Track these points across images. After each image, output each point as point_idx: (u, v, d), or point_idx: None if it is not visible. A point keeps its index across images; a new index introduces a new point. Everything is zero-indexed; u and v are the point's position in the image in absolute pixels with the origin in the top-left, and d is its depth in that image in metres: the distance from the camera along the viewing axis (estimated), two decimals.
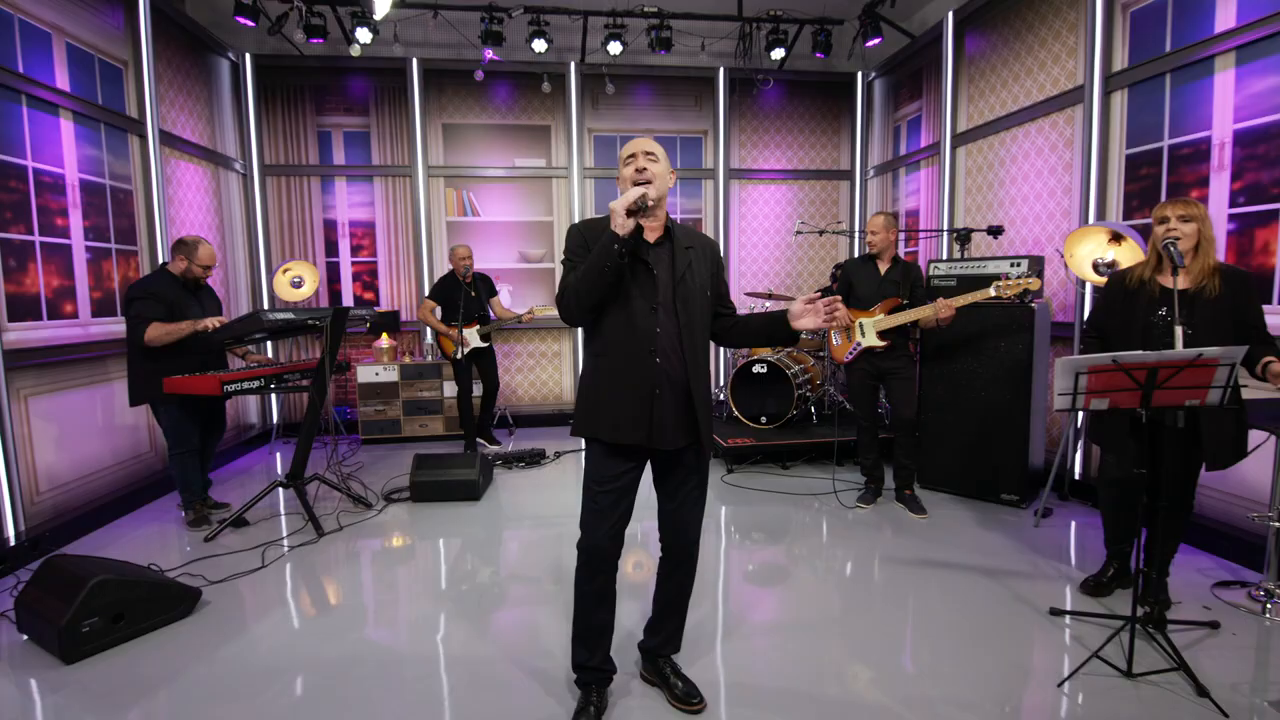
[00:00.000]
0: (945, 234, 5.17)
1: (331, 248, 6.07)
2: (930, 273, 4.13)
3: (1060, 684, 2.20)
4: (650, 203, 1.86)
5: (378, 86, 5.95)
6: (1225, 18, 3.17)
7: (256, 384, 3.52)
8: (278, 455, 5.48)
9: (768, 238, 6.56)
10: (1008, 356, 3.82)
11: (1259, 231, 3.07)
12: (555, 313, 4.83)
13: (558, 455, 5.22)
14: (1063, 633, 2.54)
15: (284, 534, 3.61)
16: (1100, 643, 2.41)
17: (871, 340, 3.69)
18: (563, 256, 2.05)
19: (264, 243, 5.85)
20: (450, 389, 5.74)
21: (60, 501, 3.63)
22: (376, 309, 5.98)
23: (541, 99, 6.14)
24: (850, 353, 3.80)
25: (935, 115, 5.40)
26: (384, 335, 5.80)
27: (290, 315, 3.46)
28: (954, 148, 5.16)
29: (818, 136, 6.56)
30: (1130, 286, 2.56)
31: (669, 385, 1.95)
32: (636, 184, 1.92)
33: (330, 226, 6.05)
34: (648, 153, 1.98)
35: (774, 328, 2.04)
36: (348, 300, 6.14)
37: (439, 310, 5.14)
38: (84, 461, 3.82)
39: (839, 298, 1.97)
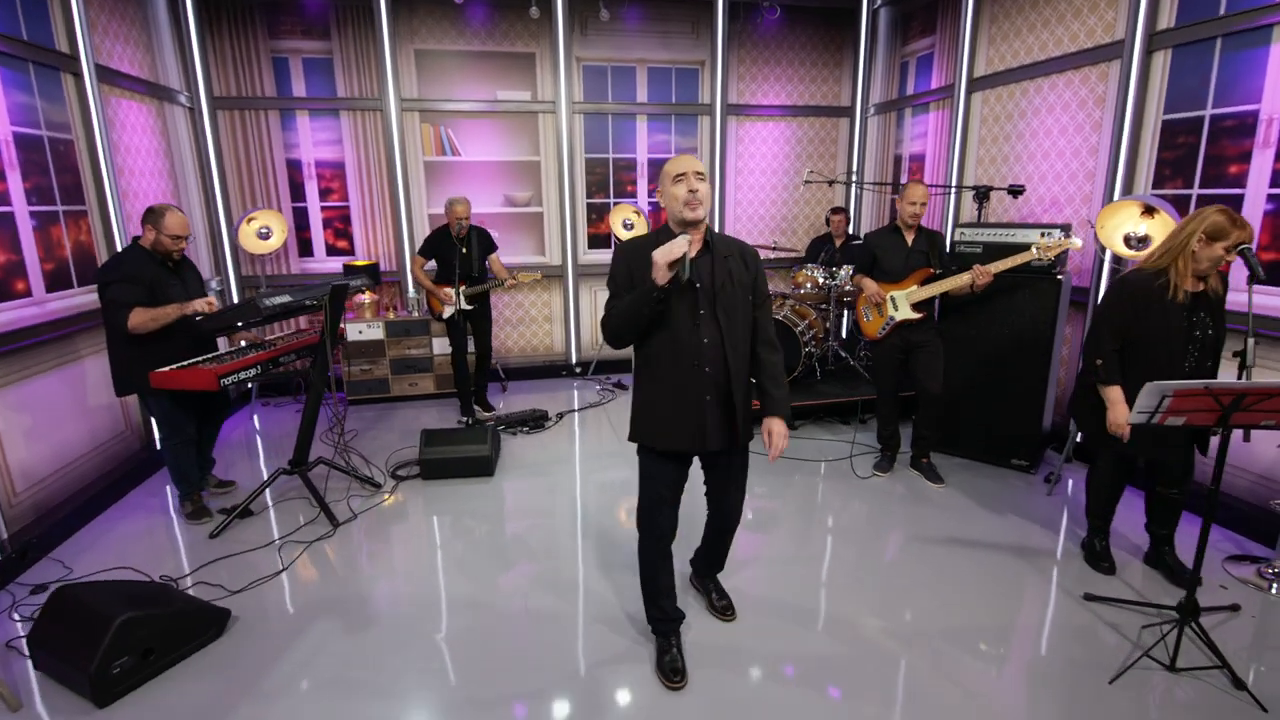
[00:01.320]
0: (955, 190, 5.05)
1: (297, 191, 5.53)
2: (955, 238, 4.03)
3: (1111, 681, 2.31)
4: (690, 258, 1.98)
5: (338, 4, 5.25)
6: None
7: (254, 371, 3.23)
8: (255, 418, 5.19)
9: (765, 179, 6.30)
10: (1030, 325, 3.81)
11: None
12: (538, 276, 4.65)
13: (560, 417, 5.09)
14: (1098, 620, 2.66)
15: (295, 526, 3.43)
16: (1135, 629, 2.55)
17: (906, 314, 3.61)
18: (609, 280, 2.18)
19: (220, 188, 5.27)
20: (440, 346, 5.47)
21: (41, 499, 3.33)
22: (352, 260, 5.59)
23: (525, 24, 5.55)
24: (883, 328, 3.71)
25: (950, 55, 5.13)
26: (366, 290, 5.42)
27: (288, 298, 3.13)
28: (969, 93, 4.94)
29: (818, 70, 6.19)
30: (1167, 293, 2.52)
31: (715, 392, 2.12)
32: (689, 205, 2.02)
33: (294, 167, 5.48)
34: (698, 173, 2.05)
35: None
36: (319, 251, 5.68)
37: (433, 269, 4.81)
38: (61, 451, 3.49)
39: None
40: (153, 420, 3.91)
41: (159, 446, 3.43)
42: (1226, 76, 3.31)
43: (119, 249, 3.92)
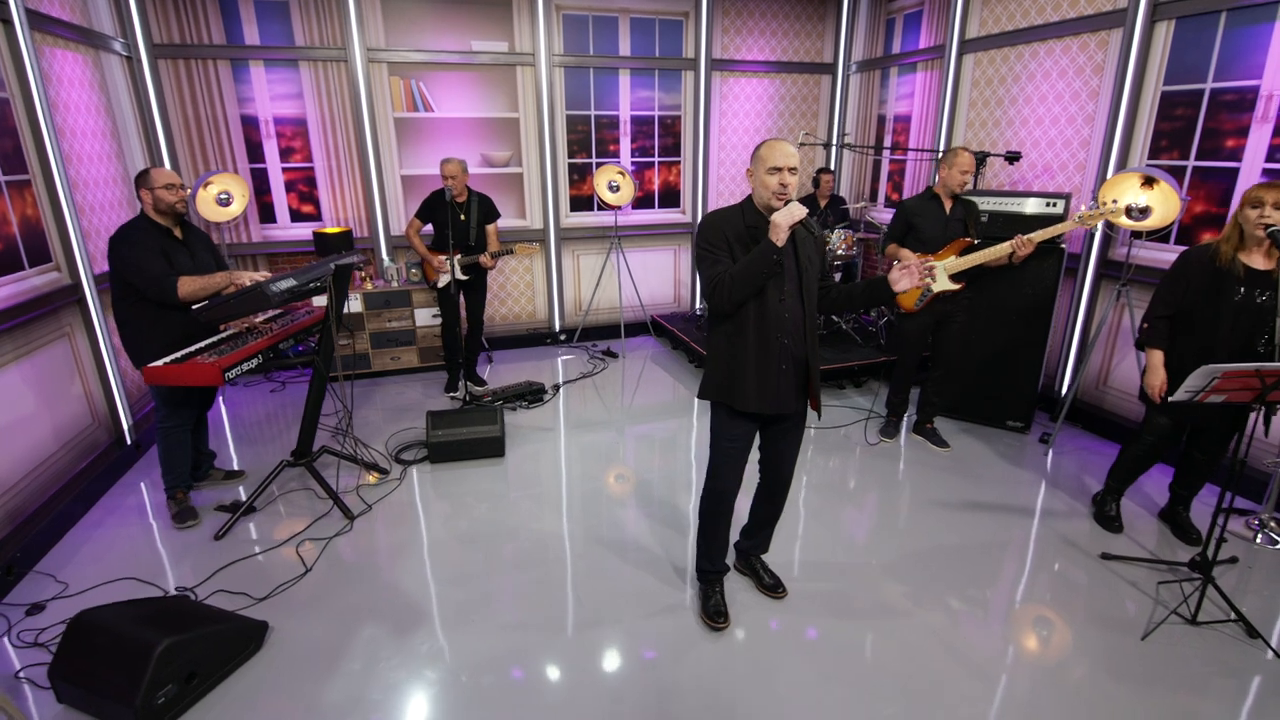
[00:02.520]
0: (931, 156, 5.08)
1: (255, 151, 5.05)
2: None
3: (1144, 637, 2.48)
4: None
5: None
6: None
7: (256, 361, 2.98)
8: (220, 400, 4.84)
9: (748, 137, 6.18)
10: (1033, 292, 3.93)
11: None
12: (534, 251, 4.48)
13: (557, 389, 4.98)
14: (1117, 578, 2.85)
15: (306, 522, 3.25)
16: (1152, 586, 2.75)
17: (944, 284, 3.56)
18: (703, 247, 2.25)
19: (167, 148, 4.75)
20: (422, 318, 5.21)
21: (14, 507, 3.02)
22: (321, 226, 5.21)
23: None
24: (920, 300, 3.66)
25: (942, 14, 5.09)
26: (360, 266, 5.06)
27: (293, 281, 2.87)
28: (960, 55, 4.93)
29: (801, 24, 6.04)
30: (1222, 266, 2.63)
31: (792, 362, 2.28)
32: (778, 196, 2.13)
33: (250, 124, 4.99)
34: (793, 169, 2.15)
35: (876, 291, 2.30)
36: (282, 217, 5.25)
37: (430, 233, 4.56)
38: (30, 454, 3.16)
39: (931, 258, 2.09)
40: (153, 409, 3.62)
41: (157, 429, 3.16)
42: (1229, 51, 3.41)
43: (69, 223, 3.50)
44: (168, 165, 4.78)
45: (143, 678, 2.03)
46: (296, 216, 5.28)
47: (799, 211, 2.07)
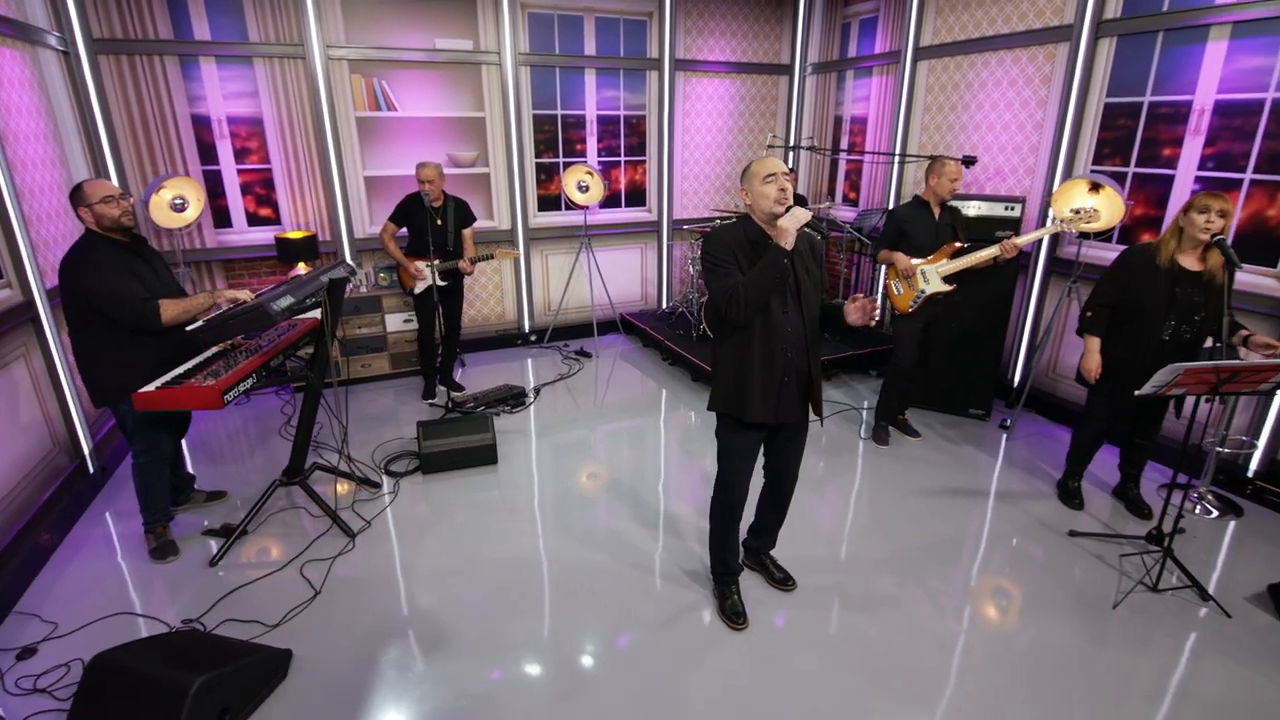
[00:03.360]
0: (897, 159, 5.33)
1: (208, 152, 4.79)
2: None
3: (1115, 606, 2.76)
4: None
5: None
6: None
7: (251, 381, 2.87)
8: None
9: (710, 136, 6.29)
10: (995, 289, 4.20)
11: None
12: (515, 255, 4.48)
13: (538, 392, 4.98)
14: (1084, 553, 3.13)
15: (305, 543, 3.17)
16: (1115, 559, 3.05)
17: (937, 286, 3.72)
18: (711, 260, 2.29)
19: (110, 150, 4.45)
20: (393, 323, 5.11)
21: None
22: (282, 231, 5.02)
23: None
24: (914, 302, 3.80)
25: (897, 21, 5.32)
26: (301, 264, 4.90)
27: (292, 299, 2.78)
28: (915, 61, 5.18)
29: (760, 26, 6.17)
30: (1161, 265, 2.91)
31: (795, 374, 2.37)
32: (779, 202, 2.20)
33: (202, 124, 4.73)
34: (787, 173, 2.23)
35: (830, 318, 2.41)
36: (239, 221, 5.01)
37: (405, 238, 4.47)
38: None
39: (876, 299, 2.30)
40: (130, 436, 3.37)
41: (133, 464, 3.00)
42: (1165, 68, 3.73)
43: (18, 235, 3.26)
44: (112, 168, 4.48)
45: (179, 717, 1.97)
46: (254, 220, 5.05)
47: (804, 215, 2.16)
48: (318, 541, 3.19)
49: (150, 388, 2.63)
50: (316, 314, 3.18)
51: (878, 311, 2.30)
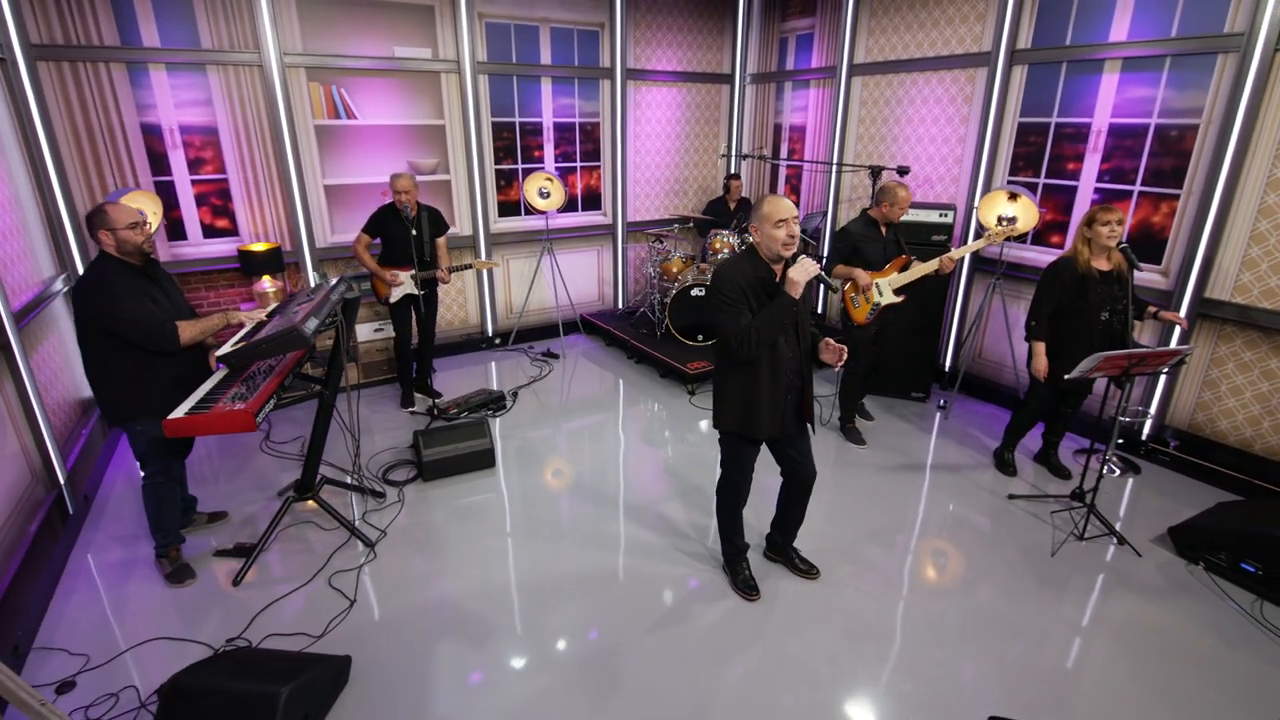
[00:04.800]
0: (836, 168, 5.82)
1: (159, 163, 4.61)
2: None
3: (1053, 554, 3.31)
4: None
5: None
6: (1119, 30, 4.04)
7: (273, 402, 2.92)
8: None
9: (660, 143, 6.58)
10: (933, 284, 4.71)
11: (1115, 204, 4.23)
12: (492, 265, 4.66)
13: (515, 396, 5.14)
14: (1021, 512, 3.69)
15: (325, 555, 3.25)
16: (1048, 515, 3.62)
17: (890, 299, 4.13)
18: (724, 299, 2.51)
19: (53, 161, 4.20)
20: (363, 332, 5.11)
21: None
22: (243, 243, 4.92)
23: None
24: (871, 314, 4.18)
25: (832, 39, 5.78)
26: (265, 277, 4.82)
27: (316, 321, 2.85)
28: (850, 77, 5.66)
29: (704, 37, 6.51)
30: (1084, 272, 3.48)
31: (793, 393, 2.69)
32: (786, 247, 2.46)
33: (153, 133, 4.54)
34: (795, 217, 2.46)
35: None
36: (194, 233, 4.84)
37: (379, 248, 4.51)
38: None
39: (845, 348, 2.61)
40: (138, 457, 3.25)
41: (145, 486, 2.98)
42: (1069, 93, 4.35)
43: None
44: (54, 179, 4.23)
45: None
46: (210, 232, 4.90)
47: (813, 269, 2.43)
48: (339, 552, 3.27)
49: (179, 413, 2.65)
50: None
51: (845, 355, 2.62)
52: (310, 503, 3.37)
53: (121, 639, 2.73)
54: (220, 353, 2.73)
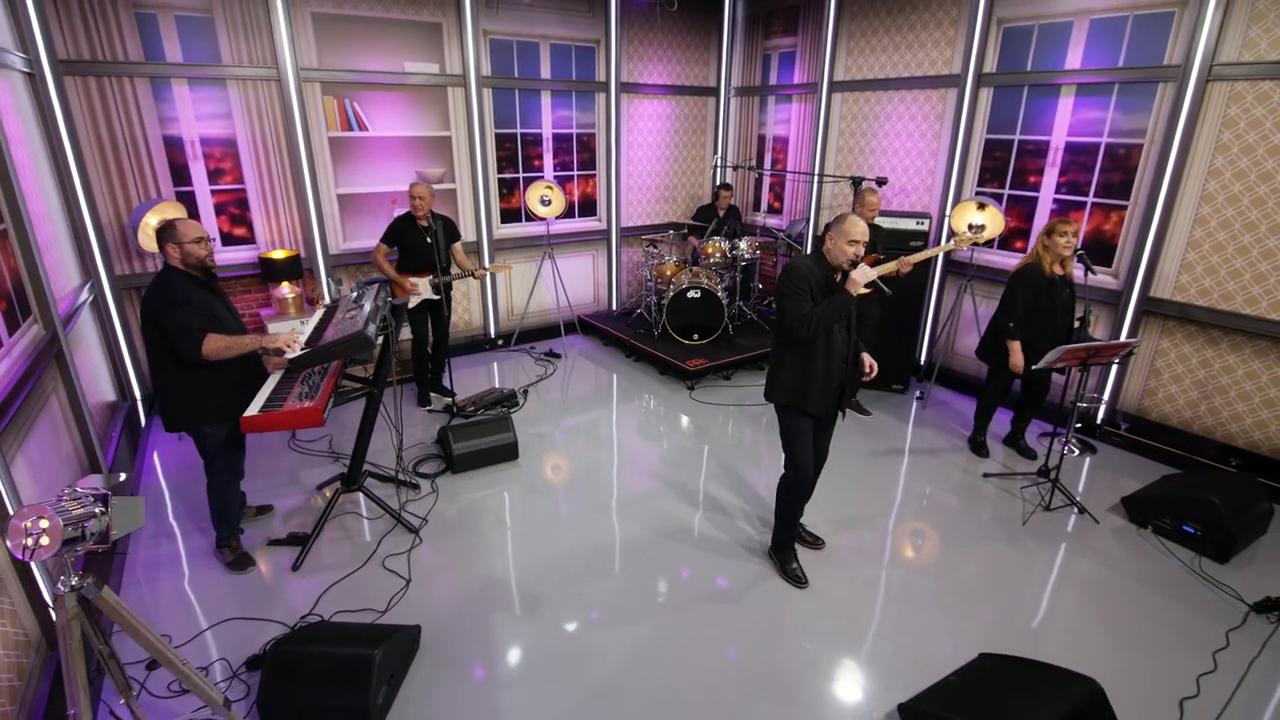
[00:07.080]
0: (819, 178, 6.26)
1: (180, 174, 4.77)
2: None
3: (1024, 524, 3.77)
4: None
5: None
6: (1074, 58, 4.53)
7: (333, 400, 3.18)
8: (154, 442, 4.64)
9: (651, 152, 6.93)
10: (910, 285, 5.17)
11: (1072, 214, 4.74)
12: (505, 269, 4.94)
13: (525, 393, 5.42)
14: (994, 488, 4.15)
15: (374, 542, 3.51)
16: (1017, 490, 4.08)
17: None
18: (791, 287, 2.90)
19: (79, 171, 4.34)
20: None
21: None
22: (262, 251, 5.10)
23: None
24: None
25: (813, 58, 6.21)
26: (284, 283, 5.02)
27: (374, 327, 3.12)
28: (830, 93, 6.10)
29: (692, 52, 6.88)
30: (1051, 277, 3.94)
31: (842, 375, 3.04)
32: (849, 261, 2.87)
33: (175, 146, 4.70)
34: (866, 241, 2.87)
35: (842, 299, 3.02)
36: (214, 242, 5.00)
37: (397, 255, 4.76)
38: None
39: (875, 364, 3.07)
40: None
41: (209, 483, 3.19)
42: (1030, 113, 4.84)
43: (39, 266, 3.30)
44: (80, 190, 4.37)
45: (369, 683, 2.37)
46: (228, 240, 5.07)
47: (872, 274, 2.85)
48: (387, 538, 3.54)
49: (252, 411, 2.90)
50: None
51: (875, 370, 3.07)
52: (354, 494, 3.62)
53: (201, 619, 2.96)
54: (291, 355, 2.97)
